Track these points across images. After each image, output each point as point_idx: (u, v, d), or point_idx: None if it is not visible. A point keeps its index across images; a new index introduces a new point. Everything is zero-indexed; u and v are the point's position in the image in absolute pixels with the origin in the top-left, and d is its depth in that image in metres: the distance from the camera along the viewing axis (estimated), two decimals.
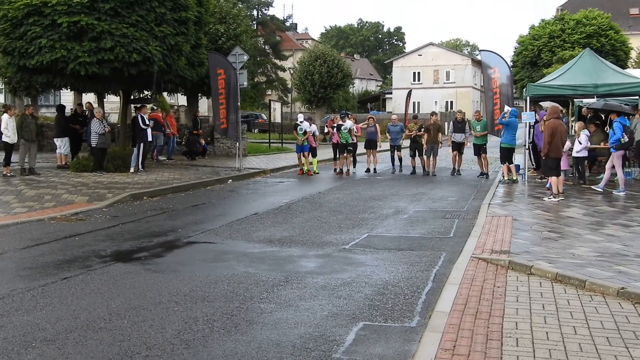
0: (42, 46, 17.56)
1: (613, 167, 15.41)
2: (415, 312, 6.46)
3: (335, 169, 22.05)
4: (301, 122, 21.78)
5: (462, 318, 6.04)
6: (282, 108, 44.00)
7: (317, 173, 21.70)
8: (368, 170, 22.23)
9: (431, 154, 21.38)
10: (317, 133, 22.90)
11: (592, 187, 15.84)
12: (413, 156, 21.84)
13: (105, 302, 6.73)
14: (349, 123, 21.27)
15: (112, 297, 6.91)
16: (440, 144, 21.54)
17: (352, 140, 21.36)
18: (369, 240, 10.33)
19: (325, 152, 25.73)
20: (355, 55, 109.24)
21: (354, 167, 22.28)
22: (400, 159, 22.50)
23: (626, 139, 15.17)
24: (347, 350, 5.40)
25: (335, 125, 21.98)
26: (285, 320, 6.20)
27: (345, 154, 21.54)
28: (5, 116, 18.26)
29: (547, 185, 15.09)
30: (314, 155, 21.90)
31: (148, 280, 7.70)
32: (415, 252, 9.37)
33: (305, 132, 21.23)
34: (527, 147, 18.50)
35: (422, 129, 21.33)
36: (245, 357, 5.24)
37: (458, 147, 21.23)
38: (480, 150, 20.64)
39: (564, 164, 15.47)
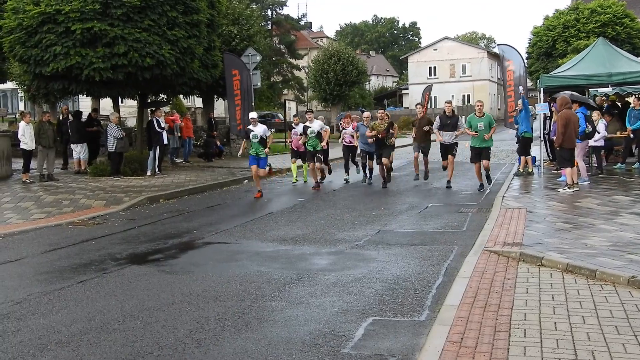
0: (57, 53, 17.78)
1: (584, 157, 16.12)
2: (424, 306, 6.50)
3: (293, 182, 18.51)
4: (300, 126, 17.87)
5: (470, 311, 6.07)
6: (297, 107, 44.15)
7: (306, 182, 18.39)
8: (346, 181, 18.19)
9: (419, 152, 17.55)
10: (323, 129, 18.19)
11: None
12: (378, 163, 16.89)
13: (119, 304, 6.84)
14: (317, 124, 16.93)
15: (126, 299, 7.02)
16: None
17: (322, 146, 16.85)
18: (382, 236, 10.37)
19: (335, 152, 25.52)
20: (370, 52, 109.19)
21: (326, 174, 18.73)
22: (371, 170, 17.79)
23: (590, 129, 15.63)
24: (356, 345, 5.46)
25: (294, 126, 18.28)
26: (295, 317, 6.27)
27: (314, 163, 16.81)
28: (22, 123, 18.54)
29: (562, 178, 15.01)
30: (303, 161, 18.40)
31: (162, 282, 7.81)
32: (427, 247, 9.40)
33: (318, 134, 16.83)
34: (542, 138, 18.40)
35: (390, 129, 16.37)
36: (255, 355, 5.31)
37: (446, 150, 16.45)
38: (481, 155, 15.45)
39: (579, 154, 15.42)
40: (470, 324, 5.69)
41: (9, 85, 38.10)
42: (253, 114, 16.07)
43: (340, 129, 20.28)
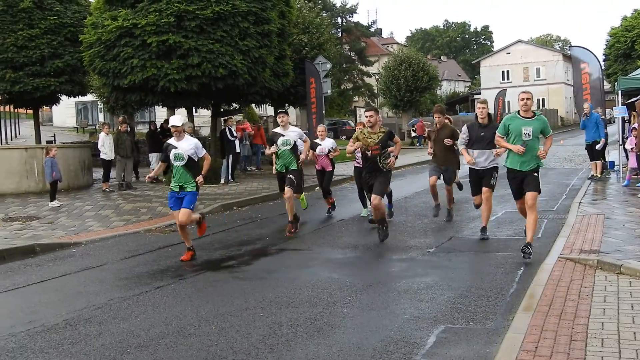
0: (134, 66, 18.39)
1: None
2: (497, 314, 6.41)
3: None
4: (327, 141, 14.05)
5: (545, 319, 5.95)
6: None
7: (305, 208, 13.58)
8: (329, 212, 13.99)
9: (437, 177, 12.28)
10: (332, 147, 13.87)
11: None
12: (367, 193, 11.36)
13: (195, 309, 7.01)
14: (293, 133, 11.79)
15: (202, 305, 7.19)
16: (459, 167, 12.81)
17: (294, 165, 11.74)
18: (454, 243, 10.27)
19: (412, 157, 25.28)
20: (442, 57, 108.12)
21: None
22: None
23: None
24: (428, 353, 5.44)
25: (319, 142, 13.87)
26: (367, 324, 6.29)
27: (288, 189, 11.56)
28: (102, 134, 19.23)
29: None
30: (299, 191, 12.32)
31: (235, 288, 7.96)
32: (500, 254, 9.25)
33: (294, 147, 11.82)
34: (620, 142, 17.87)
35: (388, 143, 10.71)
36: None
37: (479, 180, 10.48)
38: (528, 181, 8.92)
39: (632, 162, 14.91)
40: (545, 333, 5.59)
41: (89, 97, 39.45)
42: (282, 115, 11.69)
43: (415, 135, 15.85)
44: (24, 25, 24.00)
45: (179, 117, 9.80)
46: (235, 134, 20.62)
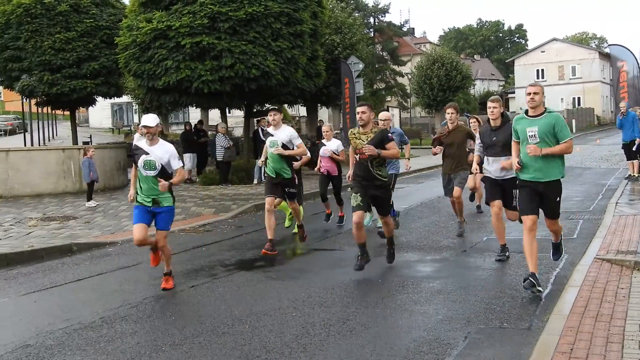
0: (168, 67, 18.60)
1: None
2: (532, 316, 6.35)
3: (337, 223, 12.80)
4: (333, 142, 12.54)
5: (581, 321, 5.88)
6: (400, 114, 44.03)
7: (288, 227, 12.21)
8: (327, 219, 12.69)
9: (451, 185, 10.76)
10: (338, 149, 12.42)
11: None
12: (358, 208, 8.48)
13: (228, 308, 7.07)
14: (283, 133, 9.98)
15: (235, 304, 7.25)
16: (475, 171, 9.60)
17: (288, 172, 10.03)
18: (488, 243, 10.19)
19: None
20: (475, 56, 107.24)
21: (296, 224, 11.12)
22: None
23: None
24: (461, 354, 5.41)
25: (325, 142, 12.55)
26: (399, 324, 6.29)
27: (273, 198, 10.07)
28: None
29: None
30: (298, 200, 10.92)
31: (268, 287, 8.01)
32: None
33: (283, 149, 9.96)
34: None
35: (383, 144, 8.32)
36: None
37: (500, 187, 8.63)
38: (547, 201, 7.29)
39: None
40: (581, 335, 5.52)
41: (125, 98, 40.07)
42: (274, 113, 10.04)
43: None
44: (61, 28, 24.44)
45: (152, 117, 8.01)
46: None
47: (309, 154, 11.06)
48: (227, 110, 22.85)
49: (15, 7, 24.28)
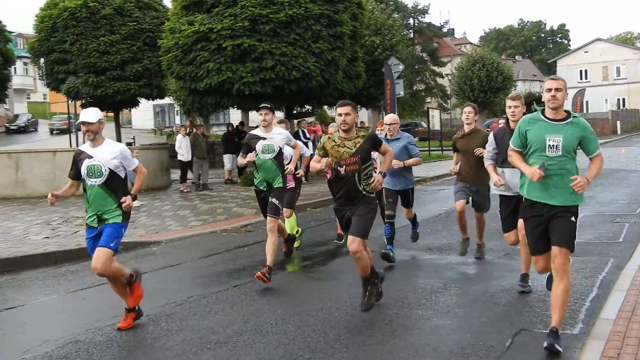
0: (210, 69, 18.85)
1: None
2: (578, 320, 6.29)
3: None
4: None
5: (628, 325, 5.81)
6: (440, 115, 43.82)
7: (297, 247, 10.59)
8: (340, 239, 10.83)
9: (466, 200, 8.96)
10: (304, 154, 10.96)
11: None
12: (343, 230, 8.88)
13: (271, 307, 7.15)
14: (278, 136, 8.62)
15: (278, 303, 7.32)
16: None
17: (280, 181, 8.63)
18: None
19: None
20: (516, 57, 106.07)
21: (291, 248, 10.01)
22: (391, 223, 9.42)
23: None
24: (505, 357, 5.39)
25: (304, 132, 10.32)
26: (442, 326, 6.28)
27: (270, 219, 8.53)
28: (179, 136, 19.78)
29: None
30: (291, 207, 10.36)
31: (311, 287, 8.07)
32: (580, 259, 9.02)
33: (278, 154, 8.64)
34: None
35: (368, 152, 6.79)
36: None
37: (516, 212, 7.31)
38: (559, 226, 5.58)
39: None
40: (628, 339, 5.45)
41: (167, 100, 40.65)
42: (265, 112, 8.48)
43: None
44: (106, 32, 24.97)
45: (94, 111, 6.44)
46: (308, 135, 20.81)
47: (307, 151, 10.17)
48: None
49: (62, 11, 24.88)
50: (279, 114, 31.80)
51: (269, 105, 8.61)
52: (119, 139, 28.88)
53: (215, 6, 19.43)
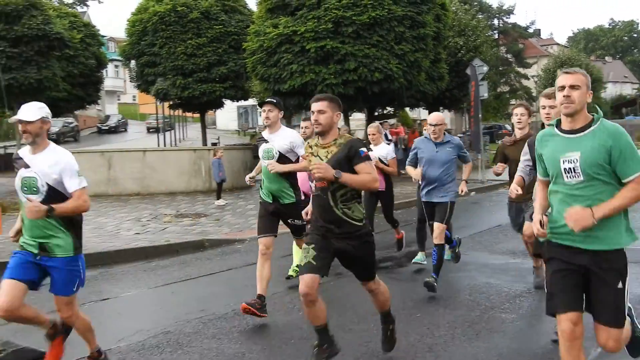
0: (294, 71, 19.15)
1: None
2: None
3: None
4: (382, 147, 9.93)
5: None
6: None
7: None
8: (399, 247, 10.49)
9: (522, 218, 7.46)
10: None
11: None
12: (308, 270, 5.55)
13: (353, 306, 7.24)
14: (283, 138, 7.12)
15: (360, 303, 7.38)
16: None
17: (290, 196, 7.34)
18: None
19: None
20: (606, 58, 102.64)
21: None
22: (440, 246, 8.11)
23: None
24: None
25: (372, 147, 9.53)
26: (526, 330, 6.22)
27: (297, 240, 8.16)
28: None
29: None
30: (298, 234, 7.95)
31: (392, 288, 8.00)
32: None
33: (280, 160, 7.11)
34: None
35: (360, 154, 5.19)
36: None
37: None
38: (601, 286, 4.05)
39: None
40: None
41: (250, 101, 41.39)
42: (269, 109, 7.05)
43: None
44: (193, 35, 25.71)
45: (34, 107, 4.76)
46: (390, 137, 20.82)
47: (391, 153, 9.01)
48: (349, 113, 23.16)
49: (152, 15, 25.78)
50: (359, 116, 31.88)
51: (274, 101, 7.10)
52: (204, 140, 29.65)
53: (299, 9, 19.71)
